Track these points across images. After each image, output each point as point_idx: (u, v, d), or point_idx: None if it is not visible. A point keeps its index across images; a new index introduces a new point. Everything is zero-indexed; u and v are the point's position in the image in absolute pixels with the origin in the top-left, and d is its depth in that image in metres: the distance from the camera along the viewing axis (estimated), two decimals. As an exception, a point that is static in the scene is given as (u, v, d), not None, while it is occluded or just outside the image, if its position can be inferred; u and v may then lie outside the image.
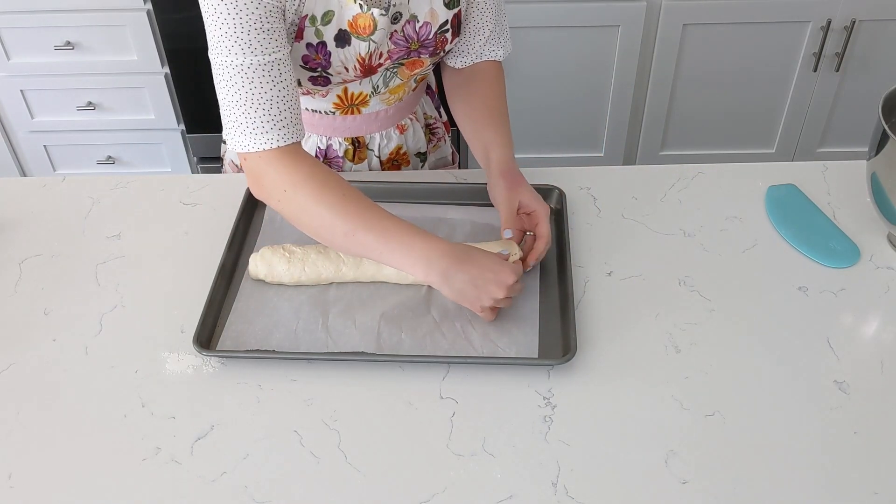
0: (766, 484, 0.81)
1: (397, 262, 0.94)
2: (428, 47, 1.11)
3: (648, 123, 2.39)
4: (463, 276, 0.92)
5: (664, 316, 0.99)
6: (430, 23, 1.08)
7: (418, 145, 1.29)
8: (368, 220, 0.94)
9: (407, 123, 1.25)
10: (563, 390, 0.90)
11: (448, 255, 0.93)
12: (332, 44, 1.03)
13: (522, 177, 1.08)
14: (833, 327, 0.98)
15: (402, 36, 1.07)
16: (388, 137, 1.24)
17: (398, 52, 1.09)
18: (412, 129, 1.27)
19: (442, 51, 1.13)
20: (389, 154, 1.26)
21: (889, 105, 1.04)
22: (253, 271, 1.03)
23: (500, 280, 0.93)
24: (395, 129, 1.24)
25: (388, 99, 1.19)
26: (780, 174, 1.22)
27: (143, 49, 2.20)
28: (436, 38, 1.10)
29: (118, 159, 2.48)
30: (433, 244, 0.93)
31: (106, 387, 0.92)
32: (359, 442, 0.86)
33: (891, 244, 1.09)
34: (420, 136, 1.29)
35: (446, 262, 0.92)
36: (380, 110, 1.20)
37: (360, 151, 1.24)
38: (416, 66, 1.14)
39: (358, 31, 1.03)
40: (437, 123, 1.34)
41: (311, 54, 1.04)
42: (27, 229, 1.14)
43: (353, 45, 1.04)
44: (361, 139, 1.22)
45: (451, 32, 1.11)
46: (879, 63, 2.26)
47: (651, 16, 2.17)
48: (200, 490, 0.82)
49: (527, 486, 0.81)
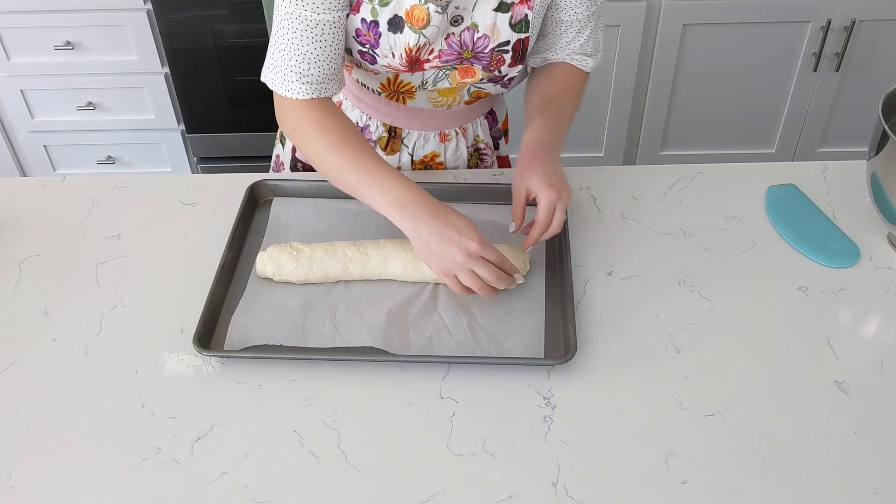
0: (766, 484, 0.81)
1: (375, 202, 0.98)
2: (481, 60, 1.08)
3: (648, 123, 2.39)
4: (430, 228, 0.94)
5: (664, 316, 0.99)
6: (489, 36, 1.05)
7: (458, 162, 1.27)
8: (357, 162, 0.99)
9: (451, 134, 1.23)
10: (563, 390, 0.90)
11: (422, 204, 0.95)
12: (385, 26, 1.03)
13: (545, 157, 1.01)
14: (833, 327, 0.98)
15: (458, 40, 1.06)
16: (425, 139, 1.23)
17: (449, 54, 1.07)
18: (455, 143, 1.24)
19: (498, 70, 1.10)
20: (423, 157, 1.24)
21: (889, 105, 1.04)
22: (260, 270, 1.03)
23: (462, 242, 0.92)
24: (435, 134, 1.23)
25: (436, 101, 1.17)
26: (780, 174, 1.21)
27: (143, 49, 2.20)
28: (491, 54, 1.07)
29: (118, 159, 2.48)
30: (412, 191, 0.96)
31: (106, 387, 0.92)
32: (359, 442, 0.86)
33: (891, 244, 1.09)
34: (462, 153, 1.26)
35: (419, 209, 0.95)
36: (424, 108, 1.19)
37: (393, 142, 1.22)
38: (467, 74, 1.11)
39: (413, 22, 1.03)
40: (486, 150, 1.30)
41: (363, 29, 1.04)
42: (27, 229, 1.14)
43: (404, 34, 1.04)
44: (399, 131, 1.22)
45: (512, 56, 1.08)
46: (879, 63, 2.26)
47: (651, 16, 2.17)
48: (200, 490, 0.82)
49: (527, 486, 0.81)
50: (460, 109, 1.21)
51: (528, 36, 1.06)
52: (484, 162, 1.31)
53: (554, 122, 1.08)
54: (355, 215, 1.12)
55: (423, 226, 0.94)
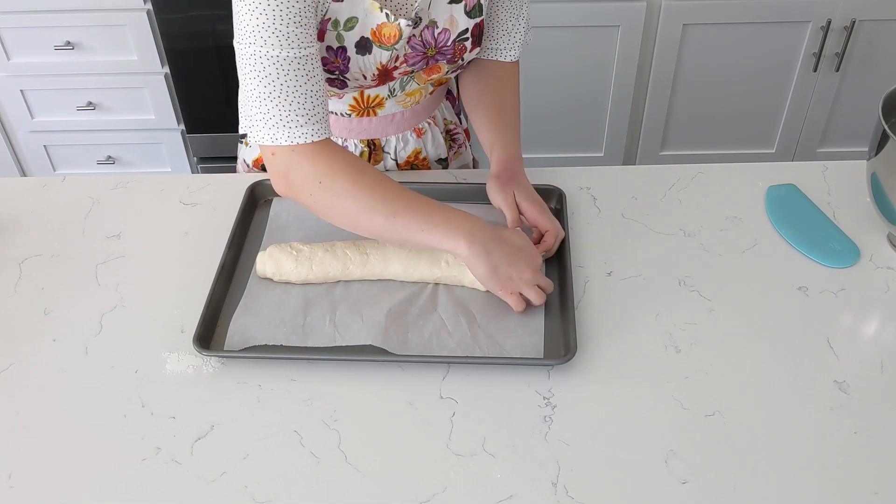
0: (766, 484, 0.81)
1: (438, 239, 0.95)
2: (445, 54, 1.09)
3: (648, 123, 2.39)
4: (500, 252, 0.95)
5: (664, 316, 0.99)
6: (448, 30, 1.07)
7: (438, 151, 1.28)
8: (409, 201, 0.96)
9: (425, 127, 1.25)
10: (563, 390, 0.90)
11: (488, 230, 0.97)
12: (353, 50, 1.03)
13: (520, 174, 1.09)
14: (833, 327, 0.98)
15: (420, 41, 1.06)
16: (404, 140, 1.23)
17: (415, 56, 1.07)
18: (430, 134, 1.26)
19: (461, 59, 1.12)
20: (407, 158, 1.25)
21: (889, 105, 1.04)
22: (260, 270, 1.03)
23: (530, 259, 0.97)
24: (411, 132, 1.23)
25: (405, 101, 1.18)
26: (780, 174, 1.21)
27: (143, 49, 2.20)
28: (454, 46, 1.09)
29: (118, 159, 2.48)
30: (474, 220, 0.97)
31: (106, 387, 0.92)
32: (359, 442, 0.86)
33: (891, 244, 1.09)
34: (440, 141, 1.28)
35: (488, 236, 0.96)
36: (396, 113, 1.19)
37: (375, 154, 1.23)
38: (433, 71, 1.13)
39: (381, 41, 1.02)
40: (457, 129, 1.33)
41: (329, 57, 1.03)
42: (27, 229, 1.14)
43: (373, 54, 1.03)
44: (377, 142, 1.22)
45: (472, 41, 1.10)
46: (879, 63, 2.26)
47: (651, 16, 2.17)
48: (200, 490, 0.82)
49: (527, 486, 0.81)
50: (427, 101, 1.22)
51: (482, 18, 1.09)
52: (456, 141, 1.34)
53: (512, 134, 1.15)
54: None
55: (493, 251, 0.95)
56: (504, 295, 0.97)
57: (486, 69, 1.20)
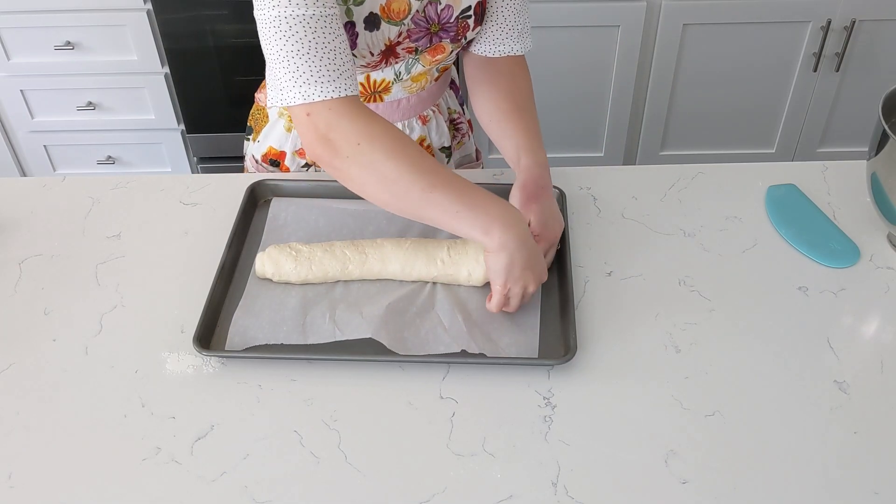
0: (766, 484, 0.81)
1: (469, 223, 0.91)
2: (448, 31, 1.10)
3: (648, 123, 2.39)
4: (522, 253, 0.93)
5: (664, 316, 0.99)
6: (451, 6, 1.08)
7: (442, 140, 1.29)
8: (447, 178, 0.92)
9: (429, 115, 1.25)
10: (563, 390, 0.90)
11: (521, 225, 0.93)
12: (362, 26, 1.03)
13: (546, 187, 1.06)
14: (833, 327, 0.98)
15: (423, 16, 1.07)
16: (410, 128, 1.24)
17: (418, 31, 1.08)
18: (435, 122, 1.26)
19: (464, 37, 1.12)
20: None
21: (889, 105, 1.04)
22: (259, 270, 1.03)
23: (541, 273, 0.96)
24: (417, 119, 1.24)
25: (411, 87, 1.18)
26: (780, 174, 1.22)
27: (143, 49, 2.20)
28: (457, 23, 1.10)
29: (118, 159, 2.48)
30: (510, 209, 0.94)
31: (106, 387, 0.92)
32: (359, 442, 0.86)
33: (891, 244, 1.09)
34: (444, 129, 1.28)
35: (522, 229, 0.93)
36: (401, 98, 1.19)
37: None
38: (437, 51, 1.13)
39: (390, 16, 1.03)
40: (460, 119, 1.34)
41: None
42: (27, 229, 1.14)
43: (381, 30, 1.04)
44: None
45: (474, 19, 1.11)
46: (879, 63, 2.26)
47: (651, 16, 2.17)
48: (200, 490, 0.82)
49: (527, 486, 0.81)
50: (432, 87, 1.23)
51: None
52: (460, 131, 1.34)
53: (537, 138, 1.11)
54: (354, 215, 1.12)
55: (521, 250, 0.92)
56: (499, 290, 0.95)
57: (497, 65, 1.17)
